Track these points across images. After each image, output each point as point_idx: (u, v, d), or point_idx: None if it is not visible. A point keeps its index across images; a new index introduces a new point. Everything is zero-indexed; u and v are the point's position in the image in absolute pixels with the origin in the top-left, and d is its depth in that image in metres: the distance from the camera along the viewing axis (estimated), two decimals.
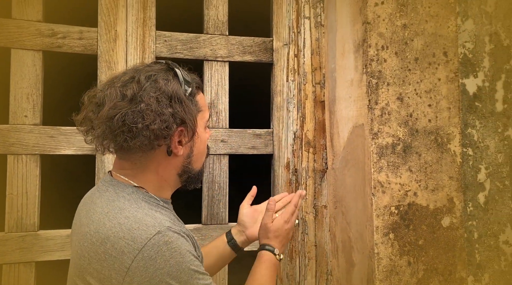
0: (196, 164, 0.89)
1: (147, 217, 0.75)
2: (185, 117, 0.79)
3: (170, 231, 0.73)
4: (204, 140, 0.90)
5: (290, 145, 1.49)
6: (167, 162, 0.84)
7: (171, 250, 0.71)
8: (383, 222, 1.13)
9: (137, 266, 0.69)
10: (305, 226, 1.46)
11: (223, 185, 1.44)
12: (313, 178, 1.47)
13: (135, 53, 1.41)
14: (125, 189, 0.80)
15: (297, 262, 1.45)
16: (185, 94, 0.81)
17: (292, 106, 1.50)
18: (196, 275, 0.74)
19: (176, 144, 0.82)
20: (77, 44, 1.37)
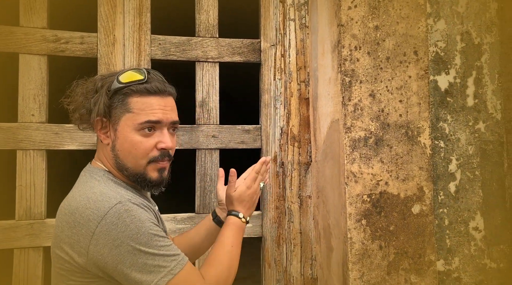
0: (126, 161, 0.95)
1: (111, 192, 0.88)
2: (92, 108, 0.95)
3: (130, 202, 0.86)
4: (131, 141, 0.94)
5: (277, 139, 1.59)
6: (103, 148, 0.98)
7: (131, 217, 0.84)
8: (355, 209, 1.23)
9: (100, 230, 0.82)
10: (291, 215, 1.56)
11: (214, 177, 1.55)
12: (298, 170, 1.58)
13: (132, 56, 1.53)
14: (98, 172, 0.96)
15: (284, 248, 1.56)
16: (106, 90, 0.95)
17: (279, 103, 1.60)
18: (156, 238, 0.85)
19: (99, 131, 0.97)
20: (78, 49, 1.49)
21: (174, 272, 0.85)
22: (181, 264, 0.87)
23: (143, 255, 0.83)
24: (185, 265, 0.88)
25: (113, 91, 0.94)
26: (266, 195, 1.57)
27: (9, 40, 1.43)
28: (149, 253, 0.84)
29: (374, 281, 1.22)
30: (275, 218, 1.56)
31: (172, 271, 0.85)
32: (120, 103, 0.94)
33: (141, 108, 0.94)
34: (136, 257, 0.83)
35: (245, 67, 1.73)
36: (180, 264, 0.87)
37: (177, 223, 1.51)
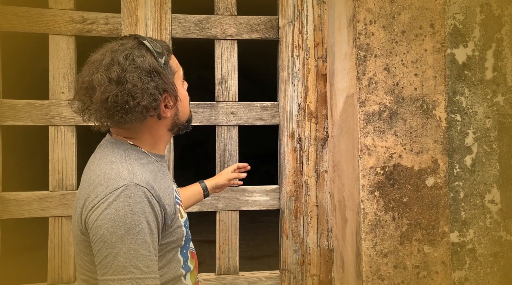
0: (183, 116, 0.99)
1: (126, 171, 0.84)
2: (166, 86, 0.89)
3: (137, 188, 0.81)
4: (184, 96, 0.99)
5: (295, 116, 1.63)
6: (159, 124, 0.95)
7: (125, 203, 0.79)
8: (368, 181, 1.27)
9: (99, 206, 0.80)
10: (308, 188, 1.62)
11: (234, 153, 1.62)
12: (315, 145, 1.62)
13: (154, 35, 1.59)
14: (121, 145, 0.91)
15: (301, 220, 1.62)
16: (160, 66, 0.89)
17: (297, 80, 1.64)
18: (135, 237, 0.78)
19: (163, 109, 0.92)
20: (103, 29, 1.57)
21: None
22: (136, 282, 0.77)
23: (110, 248, 0.78)
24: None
25: (165, 63, 0.92)
26: (284, 169, 1.62)
27: (40, 22, 1.53)
28: (115, 248, 0.78)
29: (387, 250, 1.27)
30: (292, 192, 1.62)
31: (122, 282, 0.77)
32: (168, 70, 0.92)
33: (177, 65, 0.98)
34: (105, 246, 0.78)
35: (264, 45, 1.77)
36: (135, 281, 0.77)
37: None
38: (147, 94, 0.85)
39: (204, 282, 1.58)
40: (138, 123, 0.90)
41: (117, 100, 0.83)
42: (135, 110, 0.85)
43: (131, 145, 0.92)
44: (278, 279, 1.61)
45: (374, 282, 1.26)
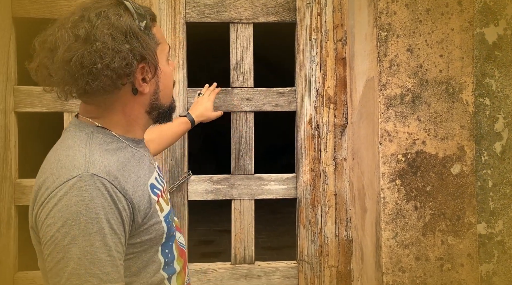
0: (164, 99, 0.87)
1: (82, 159, 0.72)
2: (144, 52, 0.76)
3: (93, 178, 0.69)
4: (168, 74, 0.87)
5: (313, 101, 1.58)
6: (134, 101, 0.81)
7: (78, 197, 0.68)
8: (389, 169, 1.21)
9: (49, 201, 0.69)
10: (326, 177, 1.57)
11: (249, 140, 1.59)
12: (334, 132, 1.57)
13: (167, 19, 1.56)
14: (86, 128, 0.79)
15: (319, 210, 1.57)
16: (140, 29, 0.76)
17: (315, 64, 1.58)
18: (92, 238, 0.67)
19: (140, 81, 0.79)
20: None
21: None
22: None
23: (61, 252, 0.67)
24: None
25: (147, 27, 0.79)
26: (301, 157, 1.58)
27: (54, 7, 1.52)
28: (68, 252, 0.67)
29: (408, 241, 1.21)
30: (310, 180, 1.58)
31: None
32: (150, 38, 0.79)
33: (161, 36, 0.84)
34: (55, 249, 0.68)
35: (280, 28, 1.71)
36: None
37: (213, 184, 1.57)
38: (119, 56, 0.72)
39: (220, 271, 1.56)
40: (108, 96, 0.77)
41: (83, 61, 0.70)
42: (103, 74, 0.71)
43: (98, 128, 0.79)
44: (295, 270, 1.58)
45: (394, 274, 1.21)
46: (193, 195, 1.56)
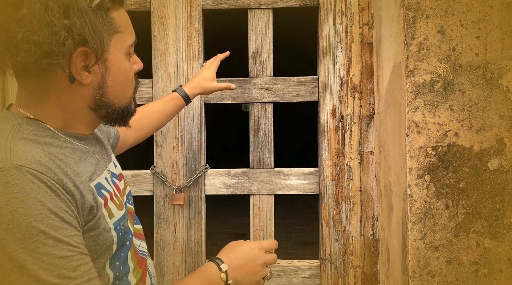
0: (115, 97, 0.75)
1: (3, 150, 0.61)
2: (86, 33, 0.64)
3: (20, 170, 0.58)
4: (125, 70, 0.75)
5: (337, 91, 1.49)
6: (72, 91, 0.70)
7: (9, 194, 0.56)
8: (417, 163, 1.11)
9: None
10: (350, 172, 1.48)
11: (268, 132, 1.52)
12: (359, 123, 1.47)
13: (183, 7, 1.52)
14: (12, 120, 0.68)
15: (343, 207, 1.49)
16: (89, 6, 0.65)
17: (339, 50, 1.49)
18: (40, 237, 0.56)
19: (78, 69, 0.67)
20: (132, 2, 1.53)
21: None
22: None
23: (7, 262, 0.55)
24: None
25: (97, 6, 0.67)
26: (324, 150, 1.50)
27: None
28: (16, 261, 0.55)
29: (438, 243, 1.11)
30: (333, 175, 1.50)
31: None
32: (104, 22, 0.69)
33: (126, 24, 0.74)
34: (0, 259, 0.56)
35: (302, 13, 1.63)
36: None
37: (231, 178, 1.52)
38: (48, 30, 0.61)
39: None
40: (39, 81, 0.68)
41: (4, 29, 0.61)
42: (22, 47, 0.61)
43: (29, 119, 0.69)
44: (317, 269, 1.51)
45: (422, 279, 1.11)
46: (210, 189, 1.52)
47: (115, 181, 0.82)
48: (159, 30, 1.52)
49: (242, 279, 0.79)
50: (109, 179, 0.79)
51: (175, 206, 1.51)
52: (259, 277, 0.82)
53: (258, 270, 0.82)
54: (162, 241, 1.52)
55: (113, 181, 0.80)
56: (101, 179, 0.75)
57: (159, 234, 1.52)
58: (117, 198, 0.78)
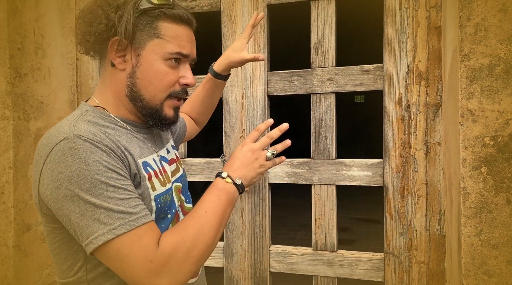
0: (145, 92, 0.87)
1: (67, 126, 0.77)
2: (120, 27, 0.81)
3: (80, 139, 0.74)
4: (156, 70, 0.86)
5: (403, 79, 1.46)
6: (115, 75, 0.87)
7: (74, 156, 0.72)
8: (472, 154, 1.05)
9: (45, 168, 0.74)
10: (415, 163, 1.43)
11: (330, 122, 1.55)
12: (425, 112, 1.41)
13: (250, 4, 1.63)
14: (82, 108, 0.87)
15: (409, 200, 1.45)
16: (135, 8, 0.82)
17: (406, 36, 1.45)
18: (102, 186, 0.72)
19: (113, 54, 0.85)
20: (205, 4, 1.69)
21: (117, 233, 0.71)
22: (129, 225, 0.72)
23: (83, 204, 0.71)
24: (137, 227, 0.73)
25: (141, 10, 0.83)
26: (389, 141, 1.48)
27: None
28: (89, 203, 0.71)
29: (497, 241, 1.04)
30: (399, 167, 1.47)
31: (114, 231, 0.71)
32: (148, 26, 0.84)
33: (172, 36, 0.86)
34: (74, 205, 0.71)
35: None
36: (128, 225, 0.72)
37: (293, 167, 1.59)
38: (99, 20, 0.83)
39: (300, 256, 1.59)
40: (102, 66, 0.89)
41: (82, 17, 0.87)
42: (85, 30, 0.85)
43: (95, 107, 0.87)
44: (381, 263, 1.50)
45: (477, 278, 1.06)
46: (273, 177, 1.62)
47: (163, 163, 0.96)
48: (228, 28, 1.66)
49: (246, 173, 0.90)
50: (157, 160, 0.93)
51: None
52: (258, 162, 0.92)
53: (252, 157, 0.91)
54: (231, 225, 1.67)
55: (161, 163, 0.94)
56: (148, 159, 0.89)
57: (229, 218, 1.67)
58: (162, 176, 0.92)
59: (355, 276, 1.54)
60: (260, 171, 0.93)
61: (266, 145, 0.95)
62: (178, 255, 0.75)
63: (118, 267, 0.73)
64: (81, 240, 0.73)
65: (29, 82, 1.51)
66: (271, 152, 0.94)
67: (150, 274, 0.72)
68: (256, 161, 0.92)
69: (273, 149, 0.95)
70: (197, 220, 0.80)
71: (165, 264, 0.73)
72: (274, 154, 0.95)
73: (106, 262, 0.74)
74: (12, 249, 1.45)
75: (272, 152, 0.95)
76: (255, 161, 0.92)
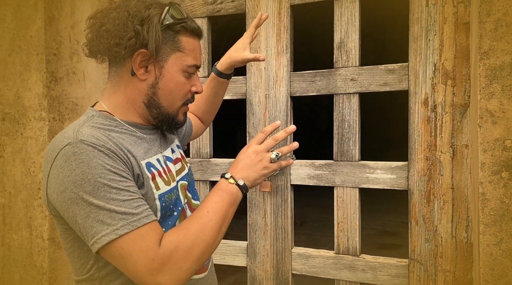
0: (164, 101, 0.93)
1: (72, 131, 0.82)
2: (148, 40, 0.85)
3: (83, 143, 0.78)
4: (176, 82, 0.93)
5: (429, 78, 1.40)
6: (133, 84, 0.91)
7: (77, 160, 0.76)
8: (491, 158, 1.00)
9: (52, 172, 0.79)
10: (441, 166, 1.38)
11: (353, 124, 1.53)
12: (451, 113, 1.35)
13: (274, 5, 1.64)
14: (88, 113, 0.92)
15: (435, 205, 1.40)
16: (160, 23, 0.87)
17: (433, 34, 1.39)
18: (105, 188, 0.75)
19: (137, 65, 0.89)
20: (230, 6, 1.72)
21: (119, 233, 0.75)
22: (131, 225, 0.76)
23: (87, 206, 0.75)
24: (140, 227, 0.76)
25: (166, 25, 0.88)
26: (414, 143, 1.43)
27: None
28: (93, 205, 0.75)
29: None
30: (425, 170, 1.42)
31: (117, 231, 0.75)
32: (171, 40, 0.90)
33: (190, 49, 0.93)
34: (79, 207, 0.76)
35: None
36: (130, 225, 0.75)
37: (315, 169, 1.58)
38: (123, 29, 0.85)
39: (322, 259, 1.58)
40: (115, 71, 0.92)
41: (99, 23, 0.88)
42: (104, 37, 0.86)
43: (101, 112, 0.91)
44: (405, 269, 1.46)
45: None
46: (295, 179, 1.62)
47: (168, 163, 1.00)
48: None
49: (249, 174, 0.94)
50: (161, 160, 0.97)
51: (264, 193, 1.66)
52: (262, 164, 0.96)
53: (256, 159, 0.95)
54: (254, 224, 1.69)
55: (165, 163, 0.98)
56: (152, 160, 0.93)
57: (252, 218, 1.70)
58: (166, 175, 0.96)
59: (378, 282, 1.50)
60: (263, 172, 0.96)
61: (271, 147, 0.99)
62: (179, 253, 0.79)
63: (122, 265, 0.78)
64: (87, 240, 0.77)
65: (64, 85, 1.63)
66: (275, 154, 0.97)
67: (152, 272, 0.77)
68: (260, 162, 0.96)
69: (278, 151, 0.97)
70: (199, 219, 0.84)
71: (166, 262, 0.77)
72: (278, 156, 0.97)
73: (112, 260, 0.79)
74: (47, 241, 1.57)
75: (277, 154, 0.97)
76: (258, 162, 0.96)
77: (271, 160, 0.96)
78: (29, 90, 1.56)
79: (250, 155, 0.96)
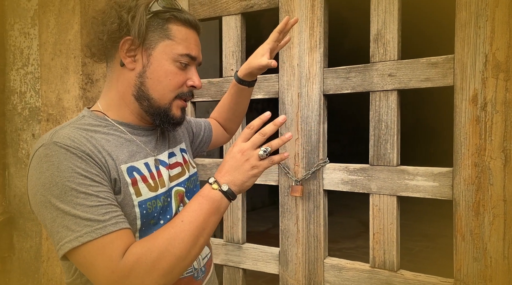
0: (154, 91, 0.91)
1: (50, 133, 0.82)
2: (132, 27, 0.86)
3: (56, 145, 0.77)
4: (166, 71, 0.91)
5: (479, 72, 1.23)
6: (123, 75, 0.91)
7: (48, 163, 0.75)
8: None
9: (28, 175, 0.80)
10: (490, 174, 1.20)
11: (391, 124, 1.39)
12: (503, 112, 1.17)
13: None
14: (81, 113, 0.93)
15: (485, 219, 1.23)
16: (146, 11, 0.88)
17: (484, 19, 1.22)
18: (72, 192, 0.74)
19: (125, 53, 0.89)
20: (263, 1, 1.67)
21: (82, 240, 0.72)
22: (95, 233, 0.73)
23: (54, 210, 0.74)
24: (104, 235, 0.73)
25: (153, 12, 0.88)
26: (460, 147, 1.27)
27: (216, 6, 1.78)
28: (59, 209, 0.74)
29: None
30: (473, 178, 1.25)
31: (80, 238, 0.72)
32: (159, 27, 0.89)
33: (182, 38, 0.91)
34: (47, 211, 0.75)
35: None
36: (94, 233, 0.73)
37: (349, 174, 1.48)
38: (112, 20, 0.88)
39: (356, 272, 1.47)
40: (108, 66, 0.94)
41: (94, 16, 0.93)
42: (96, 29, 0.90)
43: (92, 112, 0.92)
44: None
45: None
46: (328, 184, 1.52)
47: (160, 167, 0.95)
48: None
49: (235, 177, 0.84)
50: (151, 164, 0.93)
51: (296, 197, 1.58)
52: (250, 164, 0.84)
53: (242, 158, 0.84)
54: (286, 231, 1.63)
55: (156, 167, 0.94)
56: (137, 164, 0.90)
57: (284, 223, 1.63)
58: (154, 181, 0.91)
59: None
60: (252, 173, 0.84)
61: (259, 143, 0.87)
62: (141, 267, 0.73)
63: (87, 273, 0.76)
64: (54, 245, 0.76)
65: (100, 87, 1.70)
66: (263, 150, 0.84)
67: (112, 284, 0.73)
68: (247, 162, 0.84)
69: (267, 145, 0.85)
70: (170, 229, 0.78)
71: (126, 276, 0.73)
72: (267, 152, 0.84)
73: (78, 267, 0.78)
74: None
75: (265, 149, 0.84)
76: (245, 162, 0.84)
77: (260, 157, 0.84)
78: (68, 92, 1.65)
79: (235, 155, 0.85)
